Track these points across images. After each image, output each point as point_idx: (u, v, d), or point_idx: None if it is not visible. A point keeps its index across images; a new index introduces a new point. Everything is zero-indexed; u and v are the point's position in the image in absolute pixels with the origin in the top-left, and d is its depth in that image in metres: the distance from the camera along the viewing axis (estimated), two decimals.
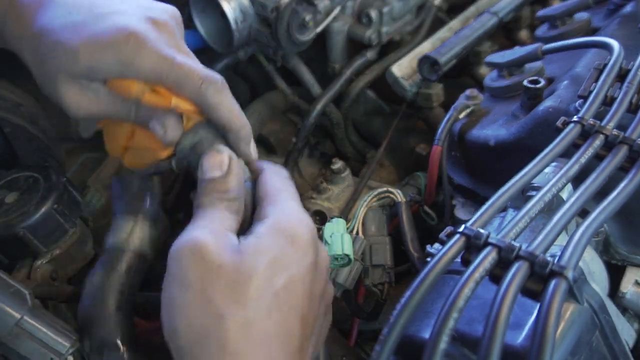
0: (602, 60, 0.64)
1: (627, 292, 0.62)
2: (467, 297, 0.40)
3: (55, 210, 0.68)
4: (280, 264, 0.44)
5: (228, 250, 0.43)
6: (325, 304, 0.50)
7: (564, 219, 0.46)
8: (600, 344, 0.48)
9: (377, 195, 0.79)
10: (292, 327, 0.43)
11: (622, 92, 0.59)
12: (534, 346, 0.38)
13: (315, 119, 0.94)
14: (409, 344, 0.49)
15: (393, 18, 0.98)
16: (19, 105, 0.79)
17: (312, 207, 0.81)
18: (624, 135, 0.55)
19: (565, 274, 0.41)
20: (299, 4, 0.88)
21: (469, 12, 1.06)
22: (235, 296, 0.42)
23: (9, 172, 0.73)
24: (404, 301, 0.42)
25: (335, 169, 0.86)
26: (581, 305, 0.47)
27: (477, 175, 0.78)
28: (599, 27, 0.84)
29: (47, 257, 0.70)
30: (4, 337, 0.52)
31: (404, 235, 0.76)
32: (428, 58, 0.88)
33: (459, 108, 0.79)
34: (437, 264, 0.43)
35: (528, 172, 0.52)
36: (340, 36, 0.97)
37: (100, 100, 0.51)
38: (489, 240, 0.44)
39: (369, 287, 0.75)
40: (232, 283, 0.42)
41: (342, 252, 0.69)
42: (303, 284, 0.45)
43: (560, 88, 0.68)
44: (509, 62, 0.79)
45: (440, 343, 0.38)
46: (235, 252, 0.44)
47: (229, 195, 0.48)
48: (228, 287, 0.42)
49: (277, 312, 0.43)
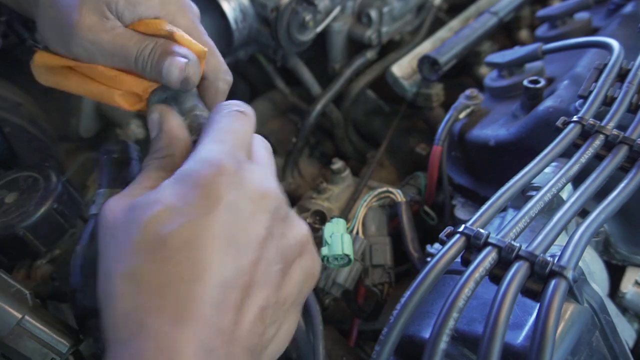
0: (602, 60, 0.64)
1: (627, 292, 0.62)
2: (467, 297, 0.40)
3: (55, 210, 0.68)
4: (170, 213, 0.40)
5: (121, 210, 0.43)
6: (282, 252, 0.44)
7: (564, 219, 0.46)
8: (600, 344, 0.48)
9: (377, 195, 0.79)
10: (192, 277, 0.39)
11: (622, 92, 0.59)
12: (534, 346, 0.38)
13: (315, 119, 0.94)
14: (409, 344, 0.49)
15: (393, 18, 0.98)
16: (19, 105, 0.80)
17: (312, 207, 0.81)
18: (624, 135, 0.55)
19: (565, 274, 0.41)
20: (299, 4, 0.88)
21: (469, 12, 1.06)
22: (118, 252, 0.41)
23: (9, 172, 0.73)
24: (404, 301, 0.42)
25: (335, 169, 0.86)
26: (581, 305, 0.47)
27: (477, 175, 0.78)
28: (599, 27, 0.84)
29: (47, 257, 0.70)
30: (5, 337, 0.52)
31: (404, 235, 0.76)
32: (428, 58, 0.88)
33: (459, 108, 0.79)
34: (437, 264, 0.43)
35: (528, 172, 0.52)
36: (340, 36, 0.97)
37: (114, 34, 0.53)
38: (489, 240, 0.44)
39: (369, 287, 0.75)
40: (116, 239, 0.41)
41: (342, 252, 0.69)
42: (209, 230, 0.40)
43: (560, 88, 0.68)
44: (509, 62, 0.79)
45: (440, 343, 0.39)
46: (127, 210, 0.42)
47: (158, 154, 0.48)
48: (114, 245, 0.41)
49: (166, 262, 0.39)
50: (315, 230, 0.76)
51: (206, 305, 0.38)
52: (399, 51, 0.99)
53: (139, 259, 0.40)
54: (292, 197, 0.91)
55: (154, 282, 0.39)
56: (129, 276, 0.39)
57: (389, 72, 0.94)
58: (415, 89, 0.93)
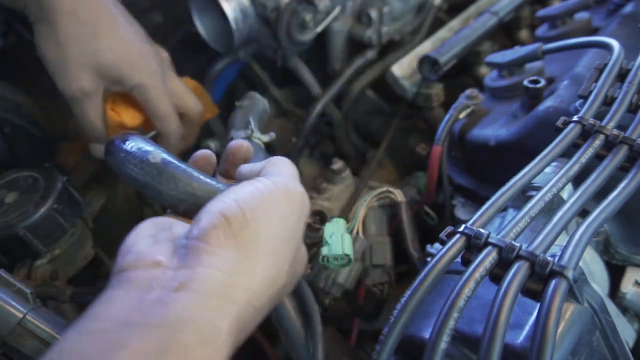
0: (602, 60, 0.64)
1: (627, 292, 0.62)
2: (468, 297, 0.40)
3: (55, 210, 0.68)
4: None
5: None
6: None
7: (564, 219, 0.46)
8: (601, 344, 0.48)
9: (377, 195, 0.79)
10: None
11: (623, 92, 0.59)
12: (534, 346, 0.38)
13: (315, 119, 0.94)
14: (409, 344, 0.49)
15: (393, 18, 0.98)
16: (19, 105, 0.80)
17: (312, 207, 0.81)
18: (624, 135, 0.55)
19: (565, 273, 0.41)
20: (299, 4, 0.88)
21: (469, 12, 1.06)
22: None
23: (9, 172, 0.73)
24: (404, 301, 0.42)
25: (335, 169, 0.86)
26: (581, 305, 0.47)
27: (477, 175, 0.78)
28: (599, 27, 0.84)
29: (47, 257, 0.70)
30: (7, 337, 0.52)
31: (404, 235, 0.76)
32: (428, 58, 0.88)
33: (459, 108, 0.79)
34: (437, 264, 0.43)
35: (528, 172, 0.52)
36: (340, 36, 0.97)
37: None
38: (489, 240, 0.44)
39: (369, 287, 0.75)
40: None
41: (342, 252, 0.69)
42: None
43: (560, 88, 0.68)
44: (509, 61, 0.79)
45: (440, 343, 0.39)
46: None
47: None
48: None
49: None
50: (315, 230, 0.76)
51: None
52: (399, 51, 0.99)
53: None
54: None
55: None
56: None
57: (389, 72, 0.94)
58: (415, 89, 0.93)
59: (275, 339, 0.84)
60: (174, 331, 0.36)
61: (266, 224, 0.44)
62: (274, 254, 0.44)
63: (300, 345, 0.70)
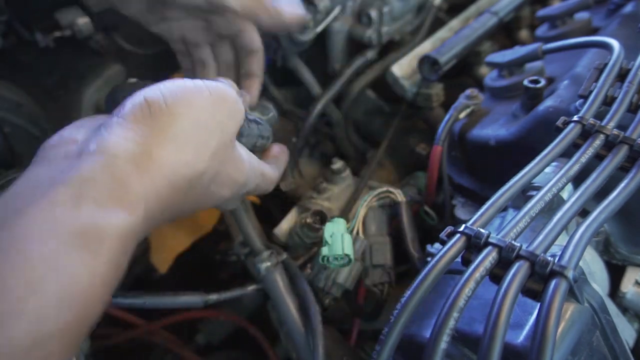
0: (602, 60, 0.64)
1: (627, 292, 0.62)
2: (468, 296, 0.40)
3: None
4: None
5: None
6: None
7: (564, 218, 0.46)
8: (601, 344, 0.48)
9: (377, 195, 0.79)
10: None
11: (623, 91, 0.59)
12: (534, 346, 0.38)
13: (315, 119, 0.93)
14: (409, 344, 0.49)
15: (393, 18, 0.98)
16: (19, 105, 0.80)
17: (312, 207, 0.81)
18: (625, 135, 0.55)
19: (565, 273, 0.41)
20: None
21: (469, 12, 1.06)
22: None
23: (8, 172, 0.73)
24: (404, 301, 0.42)
25: (335, 169, 0.86)
26: (582, 305, 0.47)
27: (477, 175, 0.78)
28: (599, 27, 0.84)
29: None
30: None
31: (404, 235, 0.76)
32: (428, 58, 0.88)
33: (459, 108, 0.79)
34: (437, 264, 0.43)
35: (528, 172, 0.52)
36: (340, 36, 0.97)
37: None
38: (490, 240, 0.44)
39: (369, 287, 0.75)
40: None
41: (342, 252, 0.69)
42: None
43: (560, 88, 0.68)
44: (509, 61, 0.79)
45: (440, 343, 0.38)
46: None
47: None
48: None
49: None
50: (315, 230, 0.76)
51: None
52: (399, 51, 0.99)
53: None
54: (292, 197, 0.90)
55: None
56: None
57: (389, 72, 0.94)
58: (415, 89, 0.93)
59: (275, 339, 0.84)
60: (80, 187, 0.38)
61: (186, 111, 0.47)
62: (191, 139, 0.47)
63: (300, 345, 0.70)
